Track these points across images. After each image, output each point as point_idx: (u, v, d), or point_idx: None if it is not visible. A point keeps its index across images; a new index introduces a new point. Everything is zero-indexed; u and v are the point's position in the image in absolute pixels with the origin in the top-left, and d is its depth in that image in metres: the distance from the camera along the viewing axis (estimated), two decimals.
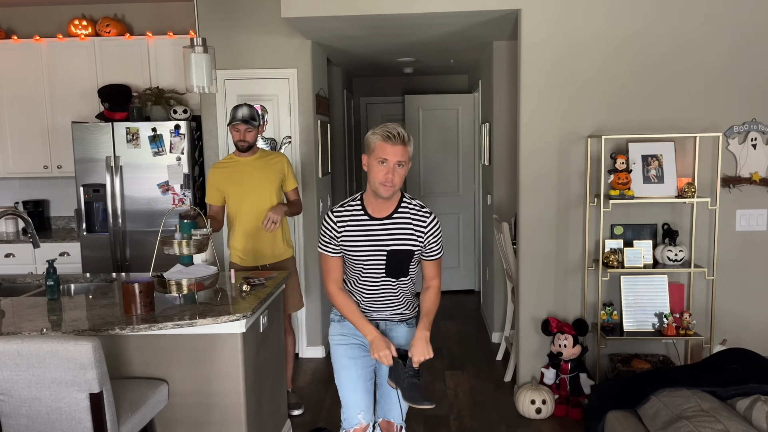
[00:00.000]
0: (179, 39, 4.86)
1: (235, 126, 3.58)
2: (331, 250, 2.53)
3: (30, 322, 2.55)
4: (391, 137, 2.35)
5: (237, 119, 3.57)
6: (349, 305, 2.53)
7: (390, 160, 2.36)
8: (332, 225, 2.49)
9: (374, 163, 2.39)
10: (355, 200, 2.53)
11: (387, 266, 2.50)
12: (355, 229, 2.48)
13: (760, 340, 3.79)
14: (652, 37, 3.67)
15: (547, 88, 3.73)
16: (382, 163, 2.37)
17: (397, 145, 2.36)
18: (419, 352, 2.41)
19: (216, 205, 3.73)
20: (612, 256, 3.62)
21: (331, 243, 2.52)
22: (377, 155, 2.37)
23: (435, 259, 2.58)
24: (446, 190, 6.65)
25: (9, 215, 5.06)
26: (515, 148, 4.34)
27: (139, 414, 2.43)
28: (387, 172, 2.36)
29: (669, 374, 2.97)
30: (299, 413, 3.87)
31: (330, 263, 2.55)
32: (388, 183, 2.37)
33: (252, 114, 3.61)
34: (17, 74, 4.98)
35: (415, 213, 2.50)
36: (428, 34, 4.45)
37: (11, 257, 4.88)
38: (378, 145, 2.37)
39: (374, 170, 2.39)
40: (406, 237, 2.48)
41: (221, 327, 2.63)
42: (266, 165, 3.71)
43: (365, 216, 2.49)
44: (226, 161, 3.75)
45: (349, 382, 2.53)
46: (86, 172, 4.62)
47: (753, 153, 3.72)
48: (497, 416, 3.79)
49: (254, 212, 3.64)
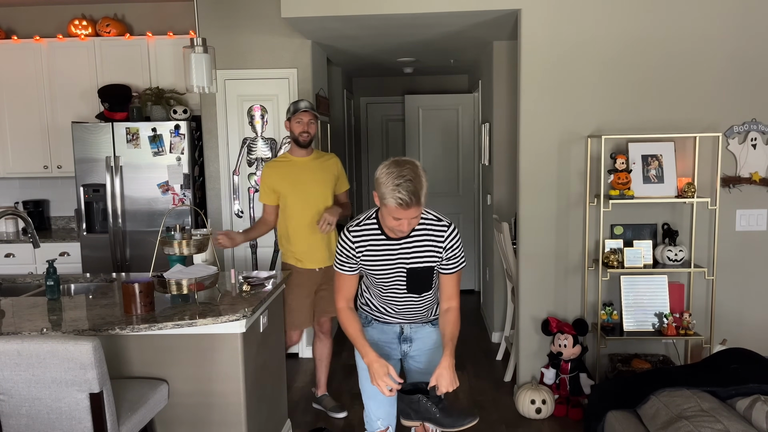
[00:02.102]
0: (179, 39, 4.86)
1: (299, 116, 3.48)
2: (348, 269, 2.46)
3: (30, 322, 2.55)
4: (404, 204, 2.19)
5: (300, 109, 3.47)
6: (353, 324, 2.46)
7: (404, 219, 2.26)
8: (350, 245, 2.42)
9: (387, 213, 2.27)
10: (371, 218, 2.43)
11: (408, 284, 2.46)
12: (373, 250, 2.41)
13: (760, 340, 3.79)
14: (653, 37, 3.67)
15: (547, 88, 3.73)
16: (396, 219, 2.26)
17: (411, 208, 2.21)
18: (447, 383, 2.30)
19: (271, 205, 3.60)
20: (612, 256, 3.62)
21: (349, 262, 2.44)
22: (390, 212, 2.24)
23: (454, 272, 2.47)
24: (446, 190, 6.65)
25: (9, 215, 5.06)
26: (515, 148, 4.34)
27: (139, 414, 2.43)
28: (400, 225, 2.27)
29: (669, 374, 2.97)
30: (343, 416, 3.80)
31: (344, 281, 2.49)
32: (402, 231, 2.31)
33: (313, 105, 3.52)
34: (17, 74, 4.98)
35: (433, 227, 2.41)
36: (428, 34, 4.45)
37: (11, 257, 4.88)
38: (390, 206, 2.21)
39: (387, 218, 2.29)
40: (426, 254, 2.41)
41: (221, 327, 2.63)
42: (322, 166, 3.62)
43: (382, 236, 2.41)
44: (282, 160, 3.64)
45: (370, 391, 2.53)
46: (86, 172, 4.62)
47: (753, 153, 3.72)
48: (497, 416, 3.79)
49: (310, 213, 3.53)
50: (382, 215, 2.33)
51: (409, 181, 2.18)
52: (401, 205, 2.19)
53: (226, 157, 4.65)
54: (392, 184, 2.19)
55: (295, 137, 3.54)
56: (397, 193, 2.17)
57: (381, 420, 2.54)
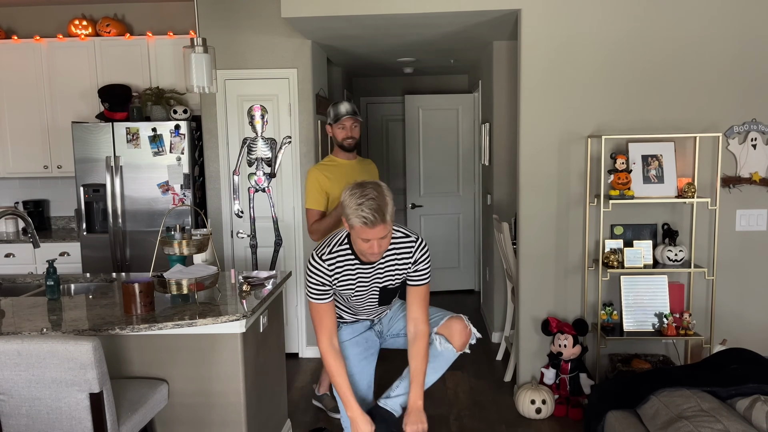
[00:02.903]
0: (179, 39, 4.86)
1: (342, 122, 3.41)
2: (325, 298, 2.46)
3: (30, 322, 2.55)
4: (368, 222, 2.21)
5: (343, 114, 3.39)
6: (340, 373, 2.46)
7: (372, 239, 2.26)
8: (325, 273, 2.42)
9: (356, 237, 2.29)
10: (343, 244, 2.44)
11: (380, 299, 2.56)
12: (347, 274, 2.45)
13: (760, 340, 3.79)
14: (653, 37, 3.67)
15: (547, 88, 3.73)
16: (365, 241, 2.28)
17: (377, 227, 2.23)
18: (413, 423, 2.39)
19: (322, 210, 3.41)
20: (612, 256, 3.62)
21: (325, 290, 2.44)
22: (358, 234, 2.27)
23: (422, 284, 2.49)
24: (446, 190, 6.65)
25: (9, 215, 5.06)
26: (515, 148, 4.34)
27: (139, 414, 2.43)
28: (371, 247, 2.28)
29: (669, 374, 2.97)
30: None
31: (323, 313, 2.47)
32: (374, 253, 2.30)
33: (354, 108, 3.47)
34: (17, 74, 4.98)
35: (403, 244, 2.46)
36: (428, 34, 4.45)
37: (11, 257, 4.88)
38: (357, 227, 2.25)
39: (357, 242, 2.30)
40: (396, 272, 2.48)
41: (221, 327, 2.63)
42: (366, 170, 3.55)
43: (356, 260, 2.43)
44: (328, 163, 3.52)
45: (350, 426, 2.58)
46: (86, 172, 4.62)
47: (753, 153, 3.72)
48: (497, 416, 3.79)
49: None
50: (353, 240, 2.35)
51: (371, 199, 2.20)
52: (365, 223, 2.20)
53: (226, 157, 4.65)
54: (355, 204, 2.21)
55: (339, 143, 3.47)
56: (361, 212, 2.19)
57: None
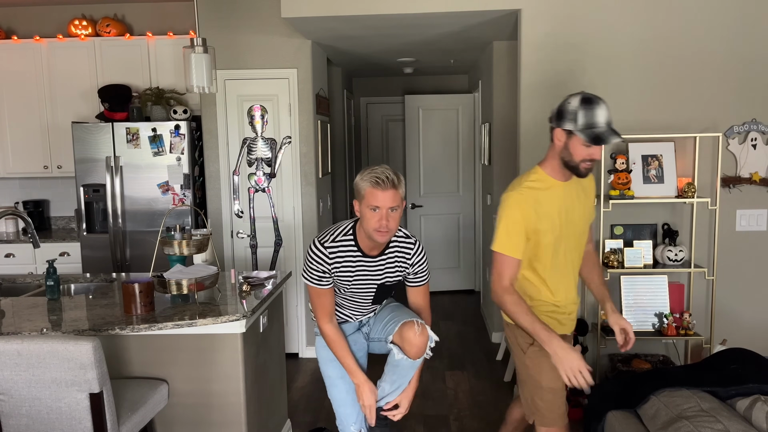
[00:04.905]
0: (179, 39, 4.86)
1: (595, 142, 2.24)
2: (325, 284, 2.44)
3: (30, 322, 2.55)
4: (380, 182, 2.23)
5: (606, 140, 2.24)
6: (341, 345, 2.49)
7: (382, 207, 2.25)
8: (324, 259, 2.40)
9: (366, 210, 2.29)
10: (347, 235, 2.42)
11: (375, 296, 2.55)
12: (347, 265, 2.43)
13: (760, 340, 3.79)
14: (652, 38, 3.67)
15: (547, 88, 3.73)
16: (374, 210, 2.26)
17: (388, 190, 2.24)
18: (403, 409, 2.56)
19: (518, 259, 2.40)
20: (612, 256, 3.62)
21: (325, 277, 2.42)
22: (368, 202, 2.27)
23: (421, 284, 2.54)
24: (446, 190, 6.65)
25: (9, 215, 5.06)
26: (515, 148, 4.34)
27: (139, 414, 2.43)
28: (380, 219, 2.26)
29: (669, 374, 2.98)
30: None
31: (323, 298, 2.47)
32: (383, 229, 2.28)
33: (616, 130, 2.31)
34: (17, 74, 4.98)
35: (403, 245, 2.47)
36: (428, 34, 4.45)
37: (11, 257, 4.88)
38: (368, 191, 2.25)
39: (367, 217, 2.29)
40: (395, 270, 2.49)
41: (221, 327, 2.63)
42: (585, 193, 2.51)
43: (358, 253, 2.42)
44: (537, 184, 2.39)
45: (340, 399, 2.60)
46: (86, 172, 4.62)
47: (753, 153, 3.72)
48: (497, 416, 3.78)
49: (572, 258, 2.49)
50: (361, 226, 2.36)
51: (385, 168, 2.29)
52: (378, 183, 2.24)
53: (226, 157, 4.65)
54: (367, 173, 2.29)
55: (575, 164, 2.34)
56: (373, 173, 2.26)
57: (354, 425, 2.60)
